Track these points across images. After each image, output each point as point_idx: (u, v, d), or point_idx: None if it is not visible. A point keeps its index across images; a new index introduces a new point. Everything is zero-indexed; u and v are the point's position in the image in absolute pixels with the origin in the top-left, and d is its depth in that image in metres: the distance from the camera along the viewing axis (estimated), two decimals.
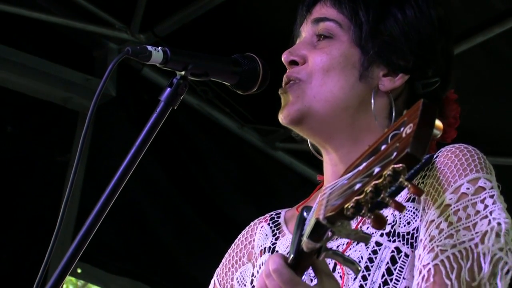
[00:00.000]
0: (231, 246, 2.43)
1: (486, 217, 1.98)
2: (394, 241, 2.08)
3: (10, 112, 4.75)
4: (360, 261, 2.08)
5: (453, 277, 1.92)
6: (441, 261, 1.94)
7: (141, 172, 3.90)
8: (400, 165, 1.56)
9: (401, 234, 2.09)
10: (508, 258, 1.94)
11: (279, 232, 2.36)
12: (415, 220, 2.09)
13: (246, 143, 5.30)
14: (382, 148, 1.63)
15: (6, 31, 4.60)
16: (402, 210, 1.62)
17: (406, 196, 2.13)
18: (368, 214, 1.62)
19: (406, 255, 2.06)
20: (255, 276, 2.32)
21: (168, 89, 2.12)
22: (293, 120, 2.26)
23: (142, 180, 4.80)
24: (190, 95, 5.01)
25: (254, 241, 2.38)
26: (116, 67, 2.09)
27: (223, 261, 2.43)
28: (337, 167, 2.27)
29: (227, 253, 2.43)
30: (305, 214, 1.83)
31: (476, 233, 1.96)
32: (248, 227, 2.44)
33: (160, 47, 2.11)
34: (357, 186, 1.63)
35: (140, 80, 4.91)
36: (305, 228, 1.80)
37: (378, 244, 2.09)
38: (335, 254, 1.83)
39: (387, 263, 2.06)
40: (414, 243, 2.06)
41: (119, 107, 4.86)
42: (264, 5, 4.73)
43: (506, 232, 1.96)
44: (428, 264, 1.95)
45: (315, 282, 1.87)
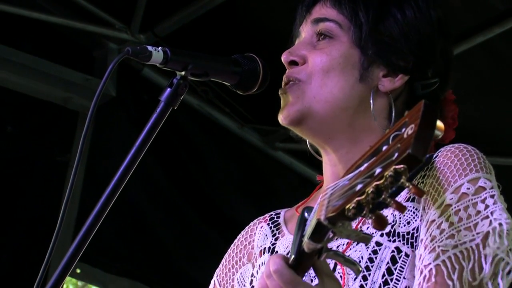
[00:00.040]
0: (231, 247, 2.43)
1: (487, 218, 1.98)
2: (394, 241, 2.08)
3: (10, 112, 4.74)
4: (361, 261, 2.08)
5: (455, 278, 1.92)
6: (443, 261, 1.94)
7: (141, 172, 3.91)
8: (402, 166, 1.56)
9: (401, 234, 2.09)
10: (510, 259, 1.94)
11: (279, 233, 2.35)
12: (415, 220, 2.09)
13: (246, 143, 5.30)
14: (384, 149, 1.63)
15: (6, 31, 4.60)
16: (403, 211, 1.62)
17: (406, 196, 2.13)
18: (370, 215, 1.62)
19: (407, 255, 2.06)
20: (255, 276, 2.32)
21: (168, 89, 2.12)
22: (293, 121, 2.25)
23: (142, 180, 4.80)
24: (190, 95, 5.00)
25: (254, 242, 2.38)
26: (116, 67, 2.09)
27: (223, 262, 2.42)
28: (337, 168, 2.27)
29: (227, 254, 2.43)
30: (306, 215, 1.83)
31: (477, 234, 1.96)
32: (248, 227, 2.43)
33: (160, 47, 2.11)
34: (359, 187, 1.63)
35: (140, 80, 4.91)
36: (306, 229, 1.79)
37: (378, 244, 2.09)
38: (336, 255, 1.83)
39: (388, 263, 2.06)
40: (414, 243, 2.06)
41: (119, 107, 4.86)
42: (264, 5, 4.73)
43: (507, 233, 1.96)
44: (430, 264, 1.95)
45: (316, 282, 1.87)
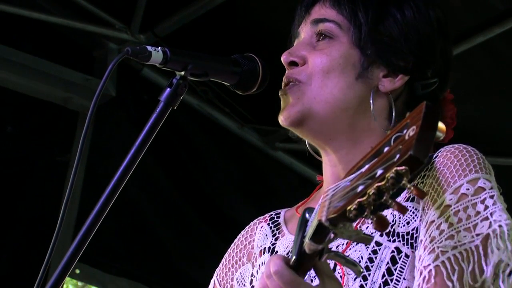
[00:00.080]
0: (231, 246, 2.43)
1: (487, 219, 1.98)
2: (394, 241, 2.08)
3: (10, 112, 4.74)
4: (360, 261, 2.08)
5: (455, 279, 1.91)
6: (442, 262, 1.94)
7: (141, 172, 3.90)
8: (403, 168, 1.56)
9: (401, 234, 2.08)
10: (510, 260, 1.93)
11: (279, 232, 2.35)
12: (415, 220, 2.08)
13: (246, 143, 5.30)
14: (385, 150, 1.63)
15: (6, 31, 4.60)
16: (405, 213, 1.62)
17: (406, 196, 2.13)
18: (371, 216, 1.61)
19: (407, 256, 2.06)
20: (255, 276, 2.32)
21: (168, 89, 2.12)
22: (294, 122, 2.25)
23: (142, 180, 4.80)
24: (190, 95, 5.00)
25: (254, 241, 2.38)
26: (116, 67, 2.09)
27: (223, 261, 2.42)
28: (337, 168, 2.26)
29: (227, 253, 2.43)
30: (307, 216, 1.82)
31: (477, 235, 1.96)
32: (248, 227, 2.43)
33: (160, 47, 2.11)
34: (360, 188, 1.63)
35: (140, 80, 4.91)
36: (307, 230, 1.79)
37: (378, 244, 2.09)
38: (337, 256, 1.83)
39: (387, 263, 2.06)
40: (414, 244, 2.06)
41: (119, 107, 4.86)
42: (264, 6, 4.72)
43: (507, 234, 1.96)
44: (429, 265, 1.95)
45: (317, 283, 1.86)
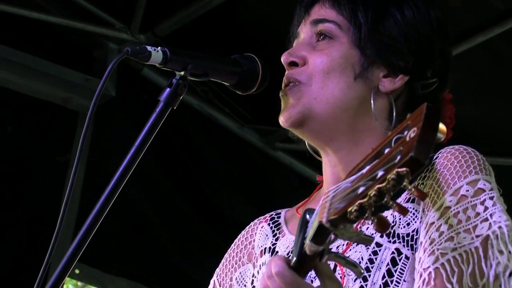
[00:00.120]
0: (231, 246, 2.43)
1: (487, 220, 1.97)
2: (394, 242, 2.08)
3: (10, 112, 4.74)
4: (361, 262, 2.07)
5: (454, 281, 1.91)
6: (442, 265, 1.93)
7: (141, 172, 3.90)
8: (404, 169, 1.56)
9: (401, 235, 2.08)
10: (510, 262, 1.93)
11: (279, 232, 2.35)
12: (415, 222, 2.08)
13: (246, 143, 5.29)
14: (386, 152, 1.62)
15: (6, 31, 4.60)
16: (406, 214, 1.62)
17: (406, 197, 2.13)
18: (372, 218, 1.61)
19: (407, 257, 2.06)
20: (256, 277, 2.32)
21: (168, 89, 2.12)
22: (294, 123, 2.25)
23: (142, 180, 4.80)
24: (190, 95, 5.00)
25: (255, 241, 2.38)
26: (116, 67, 2.09)
27: (223, 261, 2.42)
28: (337, 169, 2.26)
29: (227, 253, 2.43)
30: (308, 217, 1.82)
31: (477, 237, 1.95)
32: (248, 227, 2.43)
33: (160, 47, 2.11)
34: (361, 190, 1.63)
35: (140, 80, 4.91)
36: (308, 231, 1.79)
37: (378, 245, 2.08)
38: (338, 257, 1.82)
39: (388, 264, 2.06)
40: (414, 245, 2.06)
41: (119, 107, 4.86)
42: (264, 6, 4.72)
43: (507, 235, 1.96)
44: (429, 268, 1.95)
45: (317, 284, 1.86)
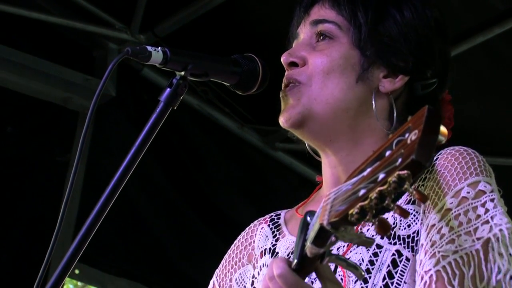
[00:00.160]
0: (231, 247, 2.43)
1: (488, 223, 1.97)
2: (395, 244, 2.08)
3: (10, 112, 4.74)
4: (361, 264, 2.07)
5: (456, 284, 1.91)
6: (443, 267, 1.93)
7: (141, 173, 3.90)
8: (405, 172, 1.55)
9: (402, 237, 2.08)
10: (510, 265, 1.93)
11: (279, 233, 2.35)
12: (416, 223, 2.08)
13: (246, 143, 5.29)
14: (387, 154, 1.62)
15: (6, 31, 4.60)
16: (407, 217, 1.62)
17: (406, 198, 2.12)
18: (373, 220, 1.61)
19: (407, 259, 2.05)
20: (256, 278, 2.32)
21: (168, 90, 2.12)
22: (294, 124, 2.24)
23: (142, 181, 4.80)
24: (190, 95, 5.00)
25: (254, 243, 2.37)
26: (116, 67, 2.09)
27: (223, 262, 2.42)
28: (336, 170, 2.26)
29: (227, 254, 2.42)
30: (309, 219, 1.82)
31: (478, 239, 1.95)
32: (248, 228, 2.43)
33: (160, 48, 2.11)
34: (362, 192, 1.62)
35: (140, 80, 4.90)
36: (309, 233, 1.79)
37: (379, 247, 2.08)
38: (339, 259, 1.82)
39: (388, 266, 2.06)
40: (415, 247, 2.05)
41: (119, 107, 4.86)
42: (264, 5, 4.72)
43: (508, 238, 1.95)
44: (430, 270, 1.94)
45: (318, 285, 1.86)
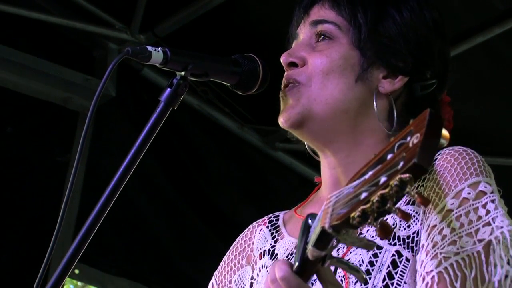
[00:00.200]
0: (230, 249, 2.42)
1: (489, 224, 1.97)
2: (395, 245, 2.07)
3: (10, 112, 4.74)
4: (361, 265, 2.07)
5: (458, 286, 1.91)
6: (445, 269, 1.93)
7: (141, 173, 3.90)
8: (407, 175, 1.55)
9: (401, 238, 2.08)
10: (511, 267, 1.93)
11: (278, 235, 2.35)
12: (415, 224, 2.07)
13: (246, 143, 5.29)
14: (389, 158, 1.62)
15: (6, 31, 4.60)
16: (409, 220, 1.61)
17: (406, 199, 2.12)
18: (374, 223, 1.61)
19: (407, 260, 2.05)
20: (255, 279, 2.31)
21: (168, 90, 2.12)
22: (294, 124, 2.25)
23: (142, 181, 4.80)
24: (190, 96, 5.00)
25: (253, 244, 2.37)
26: (116, 67, 2.09)
27: (222, 264, 2.42)
28: (335, 170, 2.26)
29: (226, 256, 2.42)
30: (310, 222, 1.81)
31: (479, 241, 1.95)
32: (247, 230, 2.43)
33: (160, 48, 2.11)
34: (363, 195, 1.62)
35: (140, 81, 4.91)
36: (310, 236, 1.78)
37: (379, 248, 2.08)
38: (340, 262, 1.82)
39: (388, 267, 2.05)
40: (415, 247, 2.05)
41: (119, 107, 4.86)
42: (264, 6, 4.72)
43: (510, 239, 1.95)
44: (432, 272, 1.94)
45: (318, 286, 1.86)
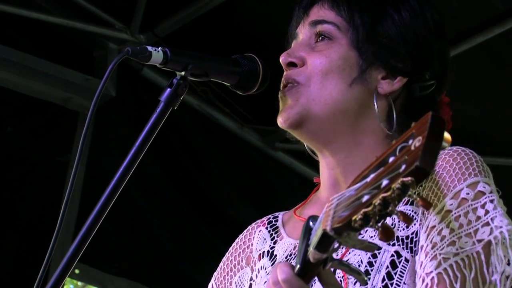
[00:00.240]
0: (229, 250, 2.42)
1: (488, 225, 1.97)
2: (394, 245, 2.07)
3: (10, 112, 4.74)
4: (360, 265, 2.07)
5: (457, 286, 1.90)
6: (445, 270, 1.93)
7: (141, 173, 3.90)
8: (409, 179, 1.54)
9: (400, 238, 2.07)
10: (510, 268, 1.93)
11: (277, 236, 2.34)
12: (414, 224, 2.07)
13: (246, 143, 5.29)
14: (390, 160, 1.61)
15: (6, 31, 4.60)
16: (411, 223, 1.61)
17: (405, 199, 2.11)
18: (376, 226, 1.61)
19: (406, 260, 2.05)
20: (254, 280, 2.31)
21: (168, 90, 2.12)
22: (293, 124, 2.25)
23: (142, 181, 4.80)
24: (190, 96, 5.00)
25: (253, 245, 2.37)
26: (116, 67, 2.09)
27: (221, 265, 2.41)
28: (334, 171, 2.26)
29: (225, 257, 2.42)
30: (311, 224, 1.81)
31: (478, 241, 1.95)
32: (246, 231, 2.42)
33: (160, 48, 2.11)
34: (365, 198, 1.62)
35: (140, 81, 4.90)
36: (311, 238, 1.78)
37: (378, 248, 2.07)
38: (341, 264, 1.81)
39: (387, 267, 2.05)
40: (414, 248, 2.05)
41: (119, 107, 4.86)
42: (264, 6, 4.72)
43: (509, 239, 1.95)
44: (431, 273, 1.94)
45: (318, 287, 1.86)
